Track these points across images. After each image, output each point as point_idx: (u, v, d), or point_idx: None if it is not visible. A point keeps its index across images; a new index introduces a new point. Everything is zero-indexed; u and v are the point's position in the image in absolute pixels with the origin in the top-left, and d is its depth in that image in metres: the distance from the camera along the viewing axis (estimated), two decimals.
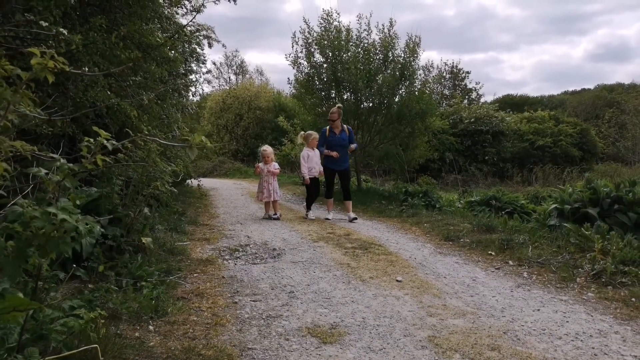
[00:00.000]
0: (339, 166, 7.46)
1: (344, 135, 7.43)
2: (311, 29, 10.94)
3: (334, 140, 7.33)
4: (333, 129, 7.41)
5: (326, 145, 7.36)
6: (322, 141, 7.41)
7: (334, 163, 7.40)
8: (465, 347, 2.54)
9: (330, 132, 7.40)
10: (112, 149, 1.69)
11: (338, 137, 7.38)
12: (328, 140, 7.35)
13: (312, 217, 7.42)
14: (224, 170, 20.34)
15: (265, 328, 2.76)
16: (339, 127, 7.43)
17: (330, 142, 7.33)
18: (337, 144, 7.31)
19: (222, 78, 35.15)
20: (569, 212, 5.34)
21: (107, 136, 1.72)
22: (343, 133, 7.43)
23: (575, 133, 22.53)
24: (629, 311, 3.17)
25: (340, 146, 7.31)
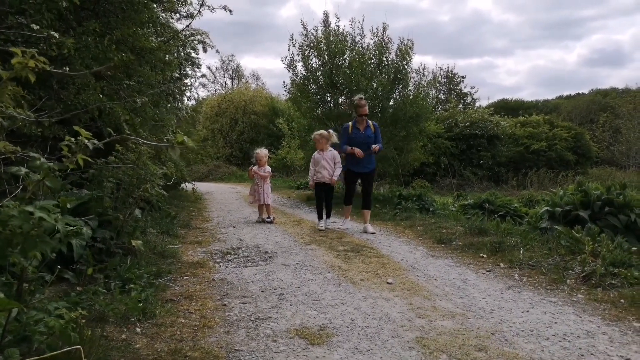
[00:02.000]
0: (363, 168, 6.48)
1: (369, 132, 6.43)
2: (309, 32, 11.02)
3: (358, 138, 6.33)
4: (357, 125, 6.44)
5: (349, 143, 6.38)
6: (344, 139, 6.44)
7: (356, 164, 6.43)
8: (453, 347, 2.54)
9: (354, 128, 6.42)
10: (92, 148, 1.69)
11: (363, 134, 6.38)
12: (351, 138, 6.37)
13: (322, 226, 6.59)
14: (220, 175, 20.34)
15: (253, 330, 2.76)
16: (364, 122, 6.43)
17: (354, 140, 6.34)
18: (362, 141, 6.30)
19: (217, 83, 35.20)
20: (560, 215, 5.36)
21: (88, 135, 1.72)
22: (368, 129, 6.44)
23: (570, 137, 22.64)
24: (617, 312, 3.18)
25: (365, 144, 6.32)
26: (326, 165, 6.62)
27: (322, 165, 6.64)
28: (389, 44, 10.90)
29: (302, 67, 11.06)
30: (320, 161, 6.66)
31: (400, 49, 10.76)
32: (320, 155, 6.69)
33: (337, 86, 10.76)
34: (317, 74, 10.97)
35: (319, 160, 6.68)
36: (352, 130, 6.42)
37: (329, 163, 6.63)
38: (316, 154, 6.75)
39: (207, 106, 23.90)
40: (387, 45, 10.86)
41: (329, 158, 6.65)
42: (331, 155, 6.66)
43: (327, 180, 6.62)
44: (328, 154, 6.66)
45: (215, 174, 20.62)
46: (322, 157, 6.67)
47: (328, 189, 6.73)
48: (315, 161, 6.73)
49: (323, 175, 6.64)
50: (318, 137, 6.75)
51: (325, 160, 6.64)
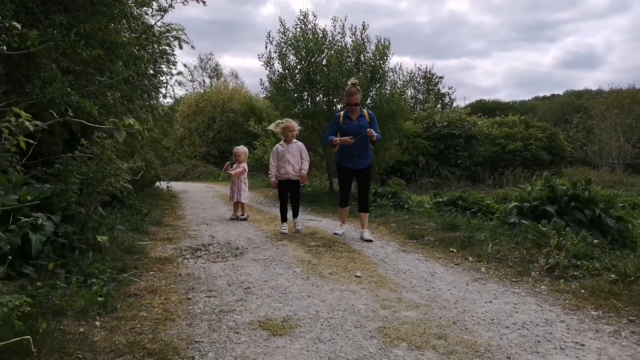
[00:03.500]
0: (357, 164, 5.61)
1: (364, 122, 5.55)
2: (287, 29, 10.99)
3: (350, 129, 5.49)
4: (350, 114, 5.60)
5: (340, 135, 5.59)
6: (334, 129, 5.66)
7: (350, 159, 5.60)
8: (413, 336, 2.56)
9: (346, 118, 5.60)
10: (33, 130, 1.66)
11: (356, 124, 5.53)
12: (342, 129, 5.58)
13: (285, 230, 5.91)
14: (197, 174, 20.14)
15: (216, 322, 2.74)
16: (358, 111, 5.59)
17: (345, 132, 5.52)
18: (355, 133, 5.44)
19: (196, 81, 34.88)
20: (528, 210, 5.47)
21: (28, 117, 1.68)
22: (362, 119, 5.57)
23: (545, 137, 23.08)
24: (577, 302, 3.26)
25: (358, 135, 5.46)
26: (291, 159, 5.87)
27: (287, 160, 5.88)
28: (367, 43, 10.96)
29: (279, 65, 11.04)
30: (285, 154, 5.88)
31: (377, 48, 10.83)
32: (285, 147, 5.91)
33: (315, 84, 10.76)
34: (295, 71, 10.96)
35: (283, 154, 5.89)
36: (343, 120, 5.61)
37: (294, 156, 5.89)
38: (279, 147, 5.96)
39: (184, 105, 23.64)
40: (365, 44, 10.92)
41: (294, 151, 5.90)
42: (297, 148, 5.93)
43: (292, 177, 5.91)
44: (294, 146, 5.91)
45: (193, 173, 20.42)
46: (286, 149, 5.90)
47: (294, 186, 6.01)
48: (278, 155, 5.93)
49: (287, 171, 5.89)
50: (290, 126, 5.96)
51: (290, 153, 5.88)
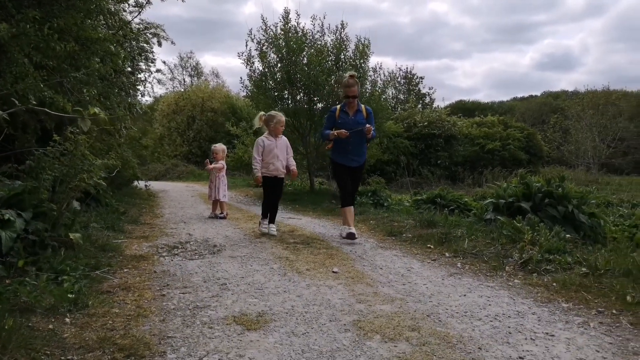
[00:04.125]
0: (351, 161, 5.39)
1: (361, 117, 5.34)
2: (268, 27, 10.96)
3: (346, 124, 5.26)
4: (346, 109, 5.38)
5: (336, 128, 5.32)
6: (330, 124, 5.44)
7: (345, 156, 5.37)
8: (387, 329, 2.58)
9: (342, 112, 5.37)
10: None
11: (352, 119, 5.30)
12: (338, 124, 5.32)
13: (265, 228, 5.57)
14: (177, 173, 19.94)
15: (190, 318, 2.71)
16: (355, 106, 5.37)
17: (342, 126, 5.26)
18: (351, 129, 5.22)
19: (176, 80, 34.51)
20: (503, 207, 5.56)
21: None
22: (359, 114, 5.36)
23: (523, 137, 23.49)
24: (549, 295, 3.32)
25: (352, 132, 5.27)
26: (280, 154, 5.48)
27: (275, 155, 5.44)
28: (347, 42, 11.00)
29: (259, 63, 11.01)
30: (273, 149, 5.43)
31: (358, 47, 10.87)
32: (273, 142, 5.46)
33: (295, 83, 10.75)
34: (275, 70, 10.94)
35: (270, 149, 5.44)
36: (339, 114, 5.36)
37: (282, 152, 5.53)
38: (266, 140, 5.46)
39: (163, 104, 23.36)
40: (345, 43, 10.95)
41: (282, 146, 5.55)
42: (284, 143, 5.59)
43: (280, 174, 5.54)
44: (281, 141, 5.55)
45: (173, 172, 20.20)
46: (275, 144, 5.46)
47: (279, 184, 5.67)
48: (266, 149, 5.43)
49: (277, 167, 5.46)
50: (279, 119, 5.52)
51: (278, 148, 5.48)
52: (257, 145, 5.47)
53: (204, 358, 2.18)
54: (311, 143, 11.31)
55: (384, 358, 2.21)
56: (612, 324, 2.74)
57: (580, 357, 2.29)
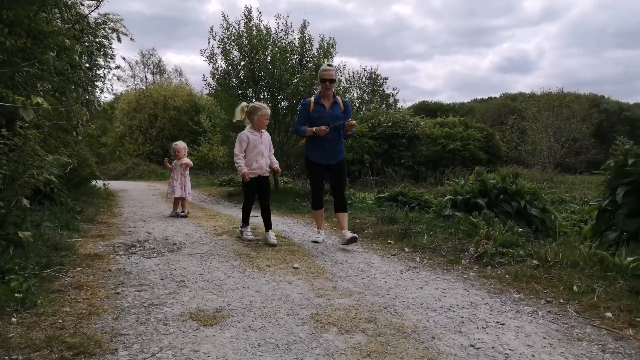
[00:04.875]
0: (328, 159, 4.87)
1: (338, 110, 4.87)
2: (230, 24, 10.84)
3: (322, 118, 4.76)
4: (322, 101, 4.89)
5: (310, 125, 4.82)
6: (303, 118, 4.89)
7: (321, 154, 4.85)
8: (344, 321, 2.61)
9: (317, 104, 4.85)
10: None
11: (329, 112, 4.82)
12: (313, 118, 4.81)
13: (250, 235, 5.03)
14: (139, 173, 19.46)
15: (144, 315, 2.66)
16: (331, 98, 4.90)
17: (316, 121, 4.77)
18: (327, 122, 4.75)
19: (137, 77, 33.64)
20: (461, 203, 5.71)
21: None
22: (336, 107, 4.87)
23: (482, 137, 24.17)
24: (501, 286, 3.44)
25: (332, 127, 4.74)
26: (265, 151, 4.97)
27: (260, 151, 4.91)
28: (312, 41, 11.02)
29: (222, 61, 10.87)
30: (258, 145, 4.90)
31: (322, 46, 10.91)
32: (258, 137, 4.93)
33: (259, 81, 10.69)
34: (238, 68, 10.84)
35: (256, 144, 4.89)
36: (314, 107, 4.84)
37: (267, 148, 5.02)
38: (250, 135, 4.90)
39: (124, 101, 22.73)
40: (309, 42, 10.97)
41: (266, 142, 5.03)
42: (268, 139, 5.07)
43: (265, 172, 5.04)
44: (265, 137, 5.02)
45: (134, 172, 19.70)
46: (260, 139, 4.94)
47: (265, 184, 5.09)
48: (250, 145, 4.88)
49: (261, 165, 4.93)
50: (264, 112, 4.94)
51: (263, 144, 4.96)
52: (240, 140, 4.88)
53: (157, 354, 2.14)
54: (276, 142, 11.26)
55: (340, 349, 2.23)
56: (559, 313, 2.86)
57: (527, 343, 2.38)
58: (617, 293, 3.04)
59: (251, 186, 4.96)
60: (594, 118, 32.36)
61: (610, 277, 3.31)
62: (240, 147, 4.87)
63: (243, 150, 4.87)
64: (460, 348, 2.28)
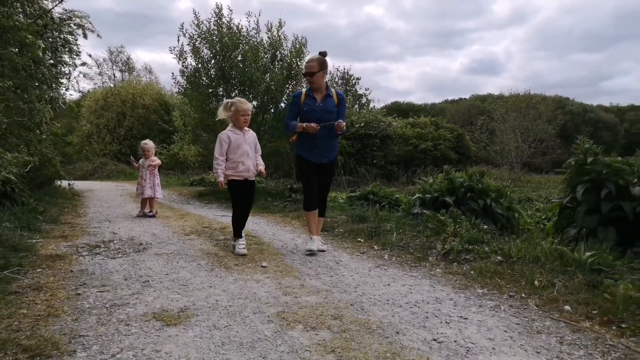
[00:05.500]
0: (319, 157, 4.51)
1: (331, 104, 4.46)
2: (201, 22, 10.70)
3: (313, 112, 4.41)
4: (312, 93, 4.50)
5: (300, 119, 4.48)
6: (293, 112, 4.53)
7: (312, 151, 4.48)
8: (310, 318, 2.61)
9: (308, 97, 4.48)
10: None
11: (320, 106, 4.43)
12: (304, 113, 4.45)
13: (242, 250, 4.31)
14: (107, 173, 19.00)
15: (106, 316, 2.60)
16: (323, 90, 4.50)
17: (307, 114, 4.42)
18: (318, 117, 4.38)
19: (105, 75, 32.84)
20: (429, 201, 5.79)
21: None
22: (329, 101, 4.47)
23: (453, 138, 24.62)
24: (466, 282, 3.50)
25: (323, 121, 4.37)
26: (249, 150, 4.42)
27: (244, 152, 4.37)
28: (284, 41, 10.98)
29: (192, 59, 10.72)
30: (242, 145, 4.37)
31: (294, 46, 10.89)
32: (240, 135, 4.40)
33: (230, 80, 10.59)
34: (209, 66, 10.71)
35: (239, 144, 4.37)
36: (304, 100, 4.47)
37: (251, 148, 4.48)
38: (231, 134, 4.38)
39: (90, 100, 22.13)
40: (281, 41, 10.93)
41: (251, 141, 4.49)
42: (253, 138, 4.55)
43: (251, 176, 4.46)
44: (250, 136, 4.49)
45: (102, 172, 19.22)
46: (243, 138, 4.40)
47: (251, 188, 4.56)
48: (232, 145, 4.35)
49: (248, 167, 4.40)
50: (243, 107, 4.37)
51: (247, 144, 4.42)
52: (220, 141, 4.34)
53: (117, 355, 2.10)
54: None
55: (304, 346, 2.23)
56: (520, 307, 2.93)
57: (489, 337, 2.43)
58: (575, 287, 3.14)
59: (237, 191, 4.41)
60: (559, 119, 33.34)
61: (570, 271, 3.41)
62: (221, 148, 4.32)
63: (224, 153, 4.33)
64: (423, 342, 2.32)
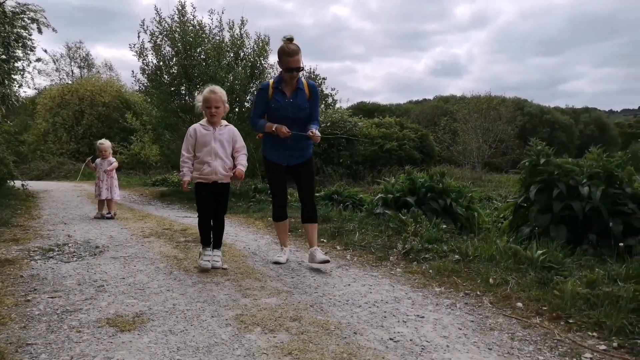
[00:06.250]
0: (290, 158, 3.95)
1: (302, 99, 3.87)
2: (162, 19, 10.47)
3: (282, 110, 3.84)
4: (282, 86, 3.87)
5: (268, 117, 3.93)
6: (261, 108, 3.94)
7: (280, 151, 3.93)
8: (269, 320, 2.60)
9: (276, 92, 3.86)
10: None
11: (291, 102, 3.85)
12: (272, 111, 3.88)
13: (206, 263, 3.72)
14: (64, 173, 18.33)
15: (57, 323, 2.51)
16: (294, 83, 3.87)
17: (275, 112, 3.86)
18: (288, 115, 3.83)
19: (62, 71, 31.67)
20: (391, 201, 5.88)
21: None
22: (300, 95, 3.88)
23: (417, 138, 25.06)
24: (425, 281, 3.57)
25: (295, 120, 3.83)
26: (219, 149, 3.75)
27: (212, 150, 3.72)
28: (247, 39, 10.89)
29: (153, 57, 10.49)
30: (210, 142, 3.72)
31: (257, 44, 10.81)
32: (210, 131, 3.75)
33: (192, 78, 10.42)
34: (171, 64, 10.51)
35: (206, 141, 3.73)
36: (272, 94, 3.86)
37: (224, 147, 3.78)
38: (200, 129, 3.76)
39: (46, 97, 21.28)
40: (244, 39, 10.83)
41: (225, 138, 3.79)
42: (229, 134, 3.81)
43: (221, 178, 3.78)
44: (224, 131, 3.80)
45: (59, 172, 18.53)
46: (212, 134, 3.74)
47: (222, 192, 3.87)
48: (199, 142, 3.74)
49: (214, 169, 3.72)
50: (203, 100, 3.73)
51: (218, 141, 3.75)
52: (186, 136, 3.80)
53: None
54: None
55: (262, 349, 2.22)
56: (475, 304, 3.02)
57: (444, 335, 2.49)
58: (527, 284, 3.26)
59: (201, 194, 3.81)
60: (518, 120, 34.45)
61: (523, 269, 3.54)
62: (186, 144, 3.78)
63: (190, 149, 3.77)
64: (380, 342, 2.35)
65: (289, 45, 3.79)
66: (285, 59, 3.79)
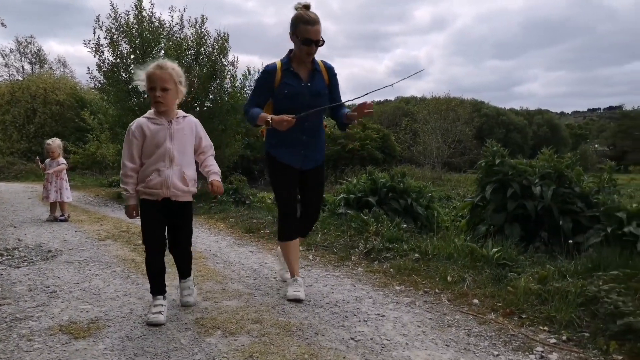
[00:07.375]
0: (305, 159, 3.14)
1: (320, 83, 3.10)
2: (118, 15, 10.14)
3: (297, 96, 3.01)
4: (294, 67, 3.06)
5: (275, 108, 3.07)
6: (259, 96, 3.12)
7: (291, 150, 3.10)
8: (230, 323, 2.58)
9: (288, 74, 3.04)
10: None
11: (307, 86, 3.05)
12: (280, 97, 3.05)
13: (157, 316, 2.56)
14: (14, 173, 17.50)
15: (5, 332, 2.39)
16: (309, 65, 3.08)
17: (288, 100, 3.01)
18: (306, 103, 2.98)
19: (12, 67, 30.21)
20: (353, 201, 5.94)
21: None
22: (317, 78, 3.09)
23: (379, 138, 25.46)
24: (385, 280, 3.63)
25: (311, 107, 2.94)
26: (176, 152, 2.65)
27: (167, 152, 2.61)
28: (207, 37, 10.71)
29: (109, 53, 10.15)
30: (161, 141, 2.61)
31: (217, 42, 10.66)
32: (164, 125, 2.63)
33: None
34: (128, 61, 10.20)
35: (159, 141, 2.62)
36: (281, 78, 3.04)
37: (184, 148, 2.70)
38: (149, 124, 2.62)
39: None
40: (205, 37, 10.65)
41: (186, 132, 2.71)
42: (190, 128, 2.75)
43: (176, 194, 2.66)
44: (183, 125, 2.71)
45: (9, 172, 17.65)
46: (168, 130, 2.62)
47: (180, 213, 2.75)
48: (148, 141, 2.62)
49: (166, 179, 2.61)
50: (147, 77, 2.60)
51: (175, 139, 2.65)
52: (127, 139, 2.64)
53: None
54: None
55: (222, 352, 2.20)
56: (433, 302, 3.09)
57: (403, 332, 2.54)
58: (483, 281, 3.36)
59: (149, 218, 2.67)
60: (476, 121, 35.58)
61: (479, 266, 3.65)
62: (128, 149, 2.62)
63: (136, 157, 2.63)
64: (341, 342, 2.37)
65: (307, 12, 2.95)
66: (302, 27, 2.90)
